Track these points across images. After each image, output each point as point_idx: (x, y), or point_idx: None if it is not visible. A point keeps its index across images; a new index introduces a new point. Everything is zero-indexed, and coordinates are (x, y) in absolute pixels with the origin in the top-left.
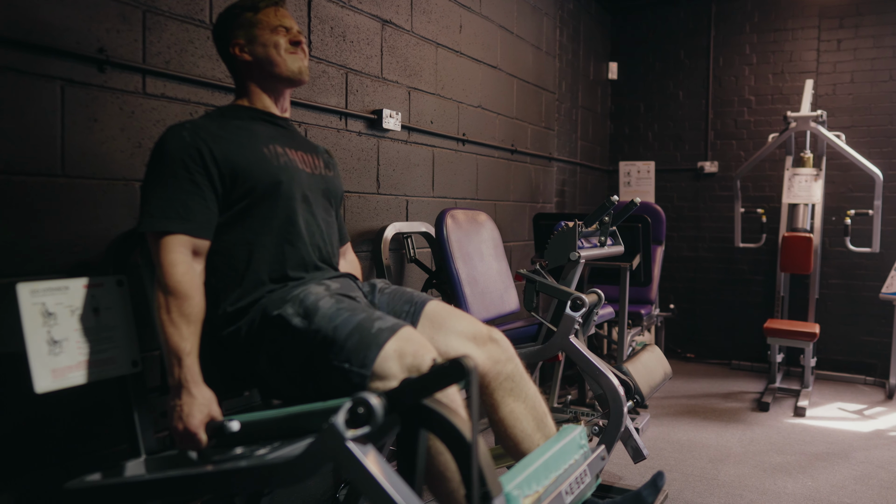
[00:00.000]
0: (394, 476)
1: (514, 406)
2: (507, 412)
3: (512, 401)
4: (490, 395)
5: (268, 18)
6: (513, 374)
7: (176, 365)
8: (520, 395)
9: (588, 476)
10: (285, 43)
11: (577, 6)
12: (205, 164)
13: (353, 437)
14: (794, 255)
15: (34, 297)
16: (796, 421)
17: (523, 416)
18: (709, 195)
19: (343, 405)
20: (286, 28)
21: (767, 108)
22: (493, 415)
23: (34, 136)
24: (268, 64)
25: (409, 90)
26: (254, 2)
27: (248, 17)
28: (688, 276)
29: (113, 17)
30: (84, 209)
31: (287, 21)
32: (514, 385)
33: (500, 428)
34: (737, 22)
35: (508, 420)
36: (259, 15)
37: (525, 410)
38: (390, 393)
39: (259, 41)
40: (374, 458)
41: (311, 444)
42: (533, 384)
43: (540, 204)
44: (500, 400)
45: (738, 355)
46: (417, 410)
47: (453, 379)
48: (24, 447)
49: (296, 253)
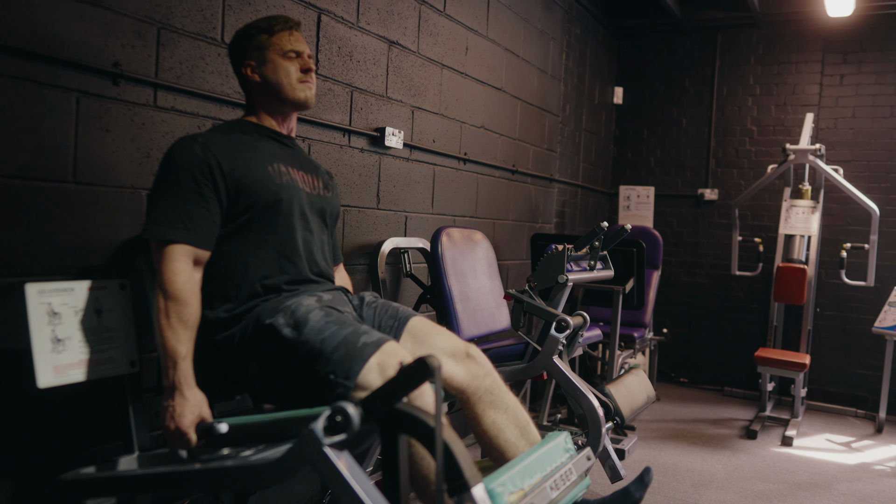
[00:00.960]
0: (366, 481)
1: (496, 417)
2: (490, 423)
3: (493, 412)
4: (472, 408)
5: (281, 42)
6: (491, 388)
7: (171, 367)
8: (500, 406)
9: (574, 474)
10: (296, 70)
11: (585, 31)
12: (213, 177)
13: (330, 444)
14: (788, 286)
15: (41, 296)
16: (783, 450)
17: (505, 426)
18: (708, 222)
19: (322, 413)
20: (298, 53)
21: (769, 139)
22: (477, 427)
23: (49, 143)
24: (277, 88)
25: (412, 109)
26: (269, 24)
27: (262, 40)
28: (684, 302)
29: (129, 33)
30: (92, 215)
31: (300, 46)
32: (494, 398)
33: (486, 440)
34: (742, 53)
35: (492, 431)
36: (273, 38)
37: (507, 420)
38: (365, 400)
39: (270, 65)
40: (349, 464)
41: (291, 448)
42: (512, 395)
43: (539, 224)
44: (482, 412)
45: (731, 382)
46: (392, 415)
47: (420, 378)
48: (24, 439)
49: (291, 266)
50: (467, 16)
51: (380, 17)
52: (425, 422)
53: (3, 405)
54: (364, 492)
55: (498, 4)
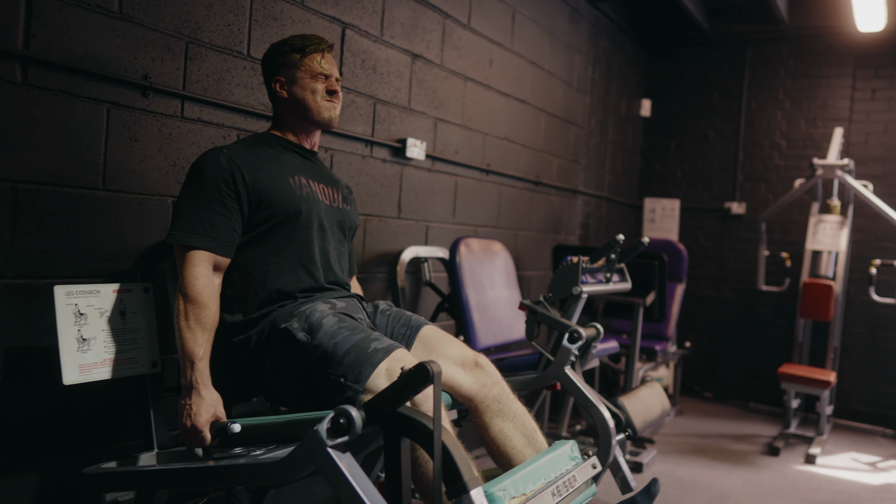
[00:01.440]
0: (367, 482)
1: (503, 425)
2: (497, 431)
3: (501, 421)
4: (480, 416)
5: (311, 64)
6: (499, 396)
7: (189, 367)
8: (508, 414)
9: (577, 481)
10: (322, 90)
11: (612, 44)
12: (236, 188)
13: (333, 445)
14: (813, 302)
15: (68, 298)
16: (805, 468)
17: (512, 434)
18: (735, 236)
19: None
20: (326, 75)
21: (798, 154)
22: (485, 435)
23: (80, 152)
24: (302, 106)
25: (435, 121)
26: (303, 44)
27: (294, 59)
28: (709, 316)
29: (158, 47)
30: (120, 220)
31: (330, 68)
32: (502, 406)
33: (493, 447)
34: (771, 67)
35: (499, 439)
36: (305, 59)
37: (514, 429)
38: (368, 403)
39: (298, 83)
40: (351, 465)
41: (296, 449)
42: (520, 404)
43: (563, 235)
44: (490, 421)
45: (756, 398)
46: (394, 419)
47: (421, 382)
48: (51, 433)
49: (307, 274)
50: (491, 29)
51: (404, 30)
52: (426, 425)
53: (32, 400)
54: (364, 492)
55: (523, 18)
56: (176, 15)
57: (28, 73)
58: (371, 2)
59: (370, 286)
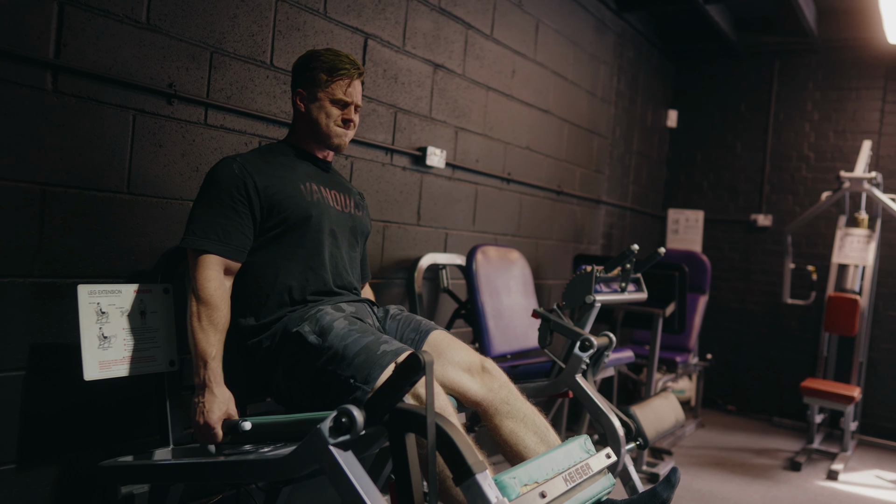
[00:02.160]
0: (367, 480)
1: (514, 426)
2: (509, 432)
3: (511, 422)
4: (490, 419)
5: (335, 89)
6: (507, 398)
7: (202, 366)
8: (517, 415)
9: (591, 469)
10: (338, 117)
11: (638, 55)
12: (248, 195)
13: (335, 443)
14: (838, 316)
15: (91, 297)
16: (826, 484)
17: (524, 434)
18: (760, 248)
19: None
20: (347, 103)
21: (826, 166)
22: (498, 437)
23: (106, 156)
24: (315, 126)
25: (456, 130)
26: (333, 66)
27: (320, 78)
28: (734, 328)
29: (184, 56)
30: (143, 223)
31: (353, 95)
32: (511, 407)
33: (507, 448)
34: (800, 78)
35: (511, 439)
36: (331, 83)
37: (525, 428)
38: (368, 402)
39: (317, 103)
40: (351, 463)
41: (300, 446)
42: (529, 404)
43: (584, 245)
44: (500, 423)
45: (780, 412)
46: (396, 416)
47: (414, 372)
48: (72, 428)
49: (318, 279)
50: (514, 40)
51: (426, 41)
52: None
53: (54, 395)
54: (364, 490)
55: (547, 29)
56: (201, 25)
57: (58, 81)
58: (393, 13)
59: (388, 292)
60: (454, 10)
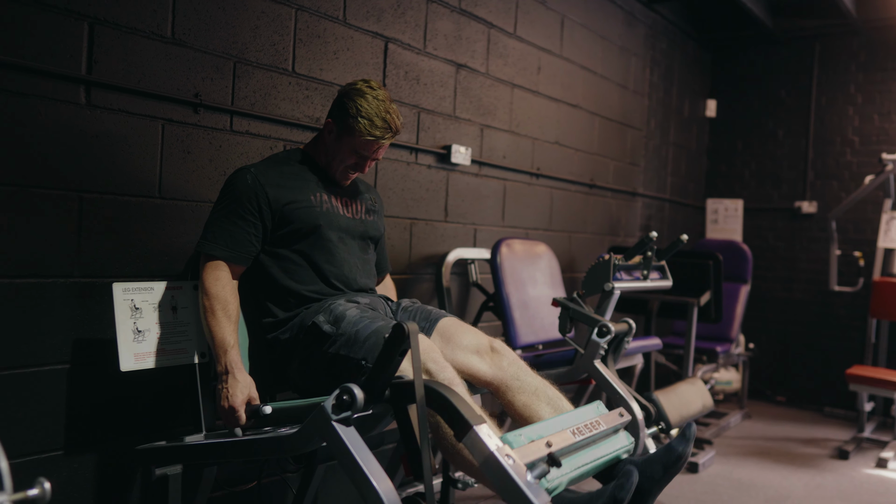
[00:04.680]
0: (368, 454)
1: (527, 399)
2: (522, 406)
3: (523, 396)
4: (503, 396)
5: (361, 143)
6: (517, 374)
7: (222, 355)
8: (528, 389)
9: (602, 425)
10: (350, 164)
11: (672, 46)
12: (259, 205)
13: (338, 419)
14: (885, 301)
15: (125, 294)
16: (875, 472)
17: (537, 405)
18: (806, 236)
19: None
20: (366, 157)
21: (871, 150)
22: (513, 413)
23: (138, 164)
24: (329, 158)
25: (481, 127)
26: (371, 122)
27: (354, 126)
28: (781, 318)
29: (208, 67)
30: (174, 225)
31: (376, 154)
32: (521, 383)
33: (523, 422)
34: (842, 61)
35: (526, 412)
36: (362, 137)
37: (537, 400)
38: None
39: (339, 143)
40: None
41: (306, 423)
42: (539, 377)
43: (621, 237)
44: (513, 398)
45: (832, 402)
46: (395, 390)
47: (400, 343)
48: (112, 418)
49: (329, 284)
50: (539, 36)
51: (447, 42)
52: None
53: (96, 387)
54: (364, 463)
55: (573, 24)
56: (224, 37)
57: (91, 95)
58: (413, 16)
59: (417, 287)
60: (475, 10)
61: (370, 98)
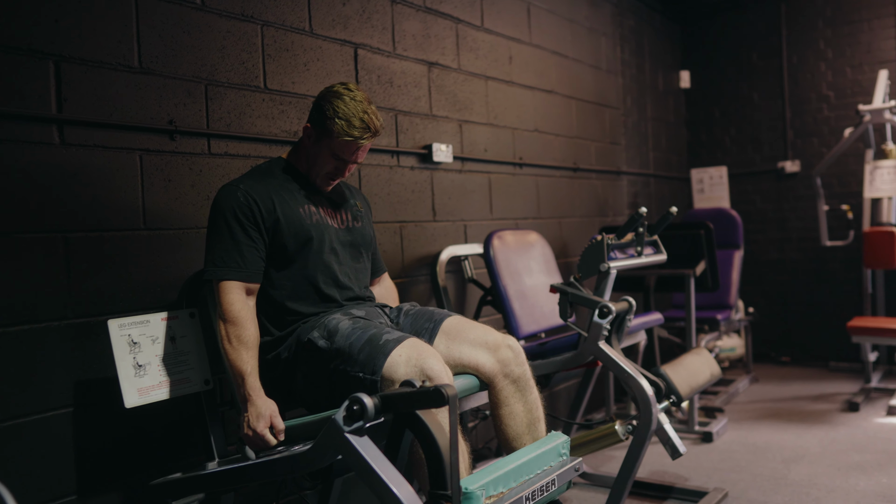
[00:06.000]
0: (384, 461)
1: (515, 407)
2: (507, 411)
3: (514, 401)
4: (497, 393)
5: (341, 146)
6: (519, 378)
7: (240, 383)
8: (522, 398)
9: (556, 485)
10: (330, 170)
11: (639, 22)
12: (255, 219)
13: (350, 430)
14: (877, 251)
15: (122, 329)
16: (886, 420)
17: (519, 417)
18: (792, 195)
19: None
20: (346, 160)
21: (847, 102)
22: (496, 410)
23: (120, 197)
24: (309, 164)
25: (459, 123)
26: (349, 123)
27: (333, 129)
28: (777, 279)
29: (180, 93)
30: (163, 255)
31: (357, 157)
32: (519, 388)
33: (498, 423)
34: (808, 18)
35: (506, 419)
36: (342, 139)
37: (522, 412)
38: (385, 396)
39: (317, 147)
40: (368, 447)
41: (319, 437)
42: (537, 391)
43: (610, 217)
44: (504, 399)
45: (836, 356)
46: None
47: (434, 403)
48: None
49: (323, 297)
50: (507, 26)
51: (416, 41)
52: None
53: (102, 427)
54: (382, 471)
55: (539, 10)
56: (192, 61)
57: (64, 134)
58: (380, 20)
59: (413, 289)
60: (440, 7)
61: (347, 99)
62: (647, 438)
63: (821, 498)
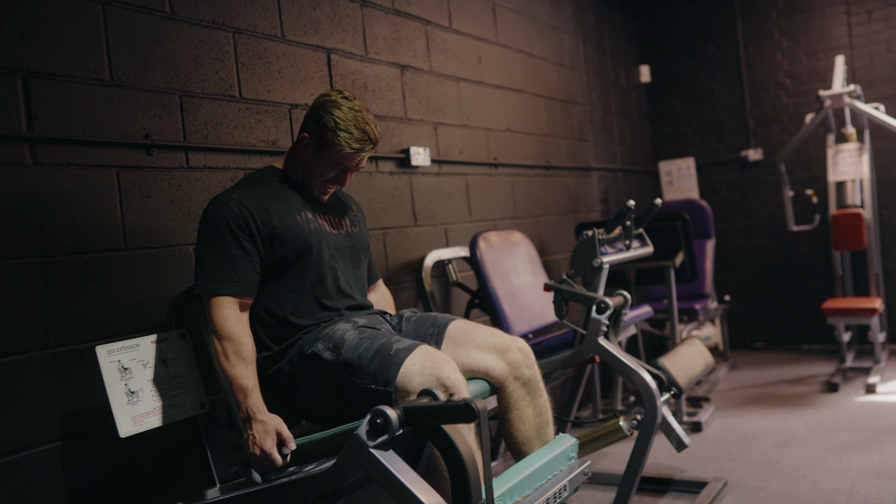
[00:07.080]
0: (412, 474)
1: (525, 410)
2: (517, 415)
3: (524, 405)
4: (507, 397)
5: (341, 157)
6: (529, 381)
7: (242, 400)
8: (532, 401)
9: (567, 491)
10: (329, 177)
11: (599, 18)
12: (250, 230)
13: (375, 445)
14: (845, 233)
15: (111, 356)
16: (866, 398)
17: (529, 421)
18: (757, 183)
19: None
20: (348, 168)
21: (805, 89)
22: (505, 413)
23: (98, 217)
24: (307, 174)
25: (434, 126)
26: (349, 135)
27: (331, 139)
28: (747, 266)
29: (154, 106)
30: (147, 275)
31: (358, 165)
32: (529, 391)
33: (507, 426)
34: (762, 8)
35: (516, 422)
36: (342, 150)
37: (532, 416)
38: (409, 408)
39: (316, 158)
40: (395, 461)
41: (342, 455)
42: (546, 394)
43: (583, 213)
44: (515, 403)
45: (808, 339)
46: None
47: (464, 419)
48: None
49: (323, 307)
50: (474, 26)
51: (387, 45)
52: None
53: (95, 458)
54: (412, 485)
55: (504, 10)
56: (165, 73)
57: (36, 153)
58: (351, 23)
59: (399, 296)
60: (409, 9)
61: (346, 109)
62: (653, 432)
63: (817, 480)
